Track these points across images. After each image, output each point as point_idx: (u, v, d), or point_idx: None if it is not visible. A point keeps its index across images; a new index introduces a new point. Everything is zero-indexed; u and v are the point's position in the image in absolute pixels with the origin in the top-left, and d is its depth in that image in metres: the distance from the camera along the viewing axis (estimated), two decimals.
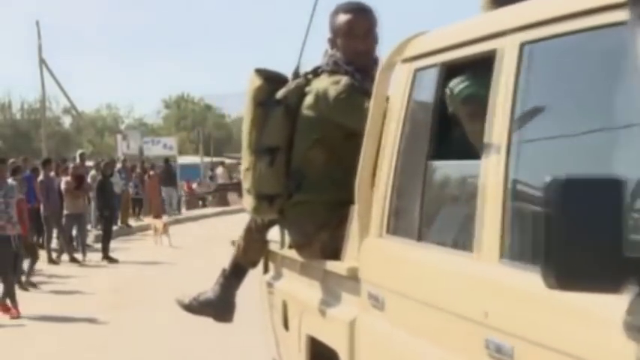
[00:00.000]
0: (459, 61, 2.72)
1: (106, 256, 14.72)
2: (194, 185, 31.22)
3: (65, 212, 14.23)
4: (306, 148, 3.69)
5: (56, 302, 10.01)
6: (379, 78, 3.25)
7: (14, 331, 8.87)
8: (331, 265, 3.48)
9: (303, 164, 3.71)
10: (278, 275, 4.38)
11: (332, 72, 3.73)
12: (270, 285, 4.45)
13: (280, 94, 3.75)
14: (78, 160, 18.01)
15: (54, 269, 13.57)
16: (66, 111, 51.91)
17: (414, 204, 2.83)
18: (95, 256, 14.85)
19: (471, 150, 2.62)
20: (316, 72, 3.83)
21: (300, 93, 3.74)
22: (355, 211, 3.27)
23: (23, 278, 11.22)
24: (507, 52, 2.34)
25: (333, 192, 3.61)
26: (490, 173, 2.33)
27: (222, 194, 30.65)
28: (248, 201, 3.83)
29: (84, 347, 7.91)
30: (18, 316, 9.34)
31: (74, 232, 14.98)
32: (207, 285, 4.68)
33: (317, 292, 3.64)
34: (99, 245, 15.37)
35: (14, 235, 9.66)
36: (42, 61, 30.69)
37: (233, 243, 4.42)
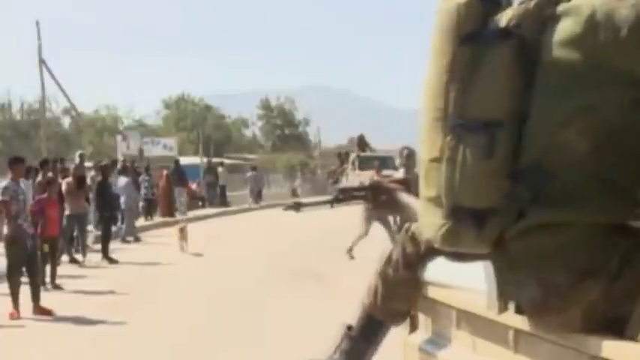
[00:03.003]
0: None
1: (106, 257, 14.74)
2: (193, 186, 31.19)
3: (67, 213, 14.23)
4: (558, 124, 1.94)
5: (56, 303, 10.00)
6: None
7: (14, 332, 8.84)
8: (627, 351, 1.80)
9: (548, 154, 1.97)
10: (442, 339, 2.79)
11: None
12: (427, 354, 2.85)
13: (506, 19, 2.02)
14: (77, 160, 18.04)
15: None
16: (65, 111, 51.99)
17: None
18: (95, 257, 14.85)
19: None
20: None
21: (544, 17, 2.00)
22: None
23: (47, 280, 11.36)
24: None
25: (610, 208, 1.93)
26: None
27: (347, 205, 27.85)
28: (432, 219, 2.13)
29: (84, 348, 7.90)
30: (18, 318, 9.36)
31: (75, 233, 14.99)
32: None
33: None
34: (98, 246, 15.37)
35: (30, 235, 9.69)
36: (42, 62, 30.74)
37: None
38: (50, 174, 14.82)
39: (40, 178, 14.37)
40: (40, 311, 9.49)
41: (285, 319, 8.71)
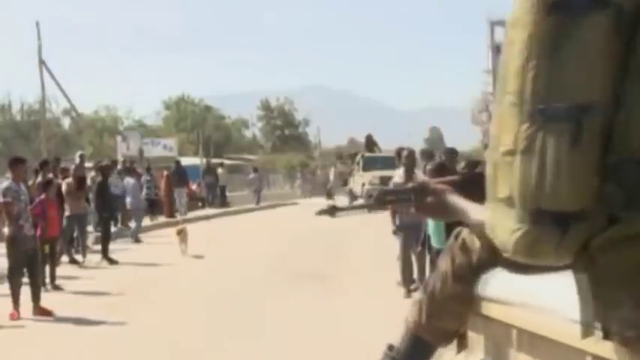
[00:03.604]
0: None
1: (106, 257, 14.74)
2: (193, 187, 31.19)
3: (67, 213, 14.23)
4: None
5: (56, 303, 10.00)
6: None
7: (14, 333, 8.84)
8: None
9: None
10: None
11: None
12: None
13: None
14: (77, 161, 18.03)
15: None
16: (65, 112, 52.00)
17: None
18: (95, 258, 14.84)
19: None
20: None
21: None
22: None
23: (47, 280, 11.41)
24: None
25: None
26: None
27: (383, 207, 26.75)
28: (505, 223, 1.72)
29: (84, 348, 7.90)
30: (18, 318, 9.36)
31: (75, 234, 14.99)
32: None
33: None
34: (98, 247, 15.36)
35: (31, 235, 9.73)
36: (42, 62, 30.73)
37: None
38: (50, 175, 14.83)
39: (39, 178, 14.36)
40: (40, 312, 9.50)
41: (286, 319, 8.71)
